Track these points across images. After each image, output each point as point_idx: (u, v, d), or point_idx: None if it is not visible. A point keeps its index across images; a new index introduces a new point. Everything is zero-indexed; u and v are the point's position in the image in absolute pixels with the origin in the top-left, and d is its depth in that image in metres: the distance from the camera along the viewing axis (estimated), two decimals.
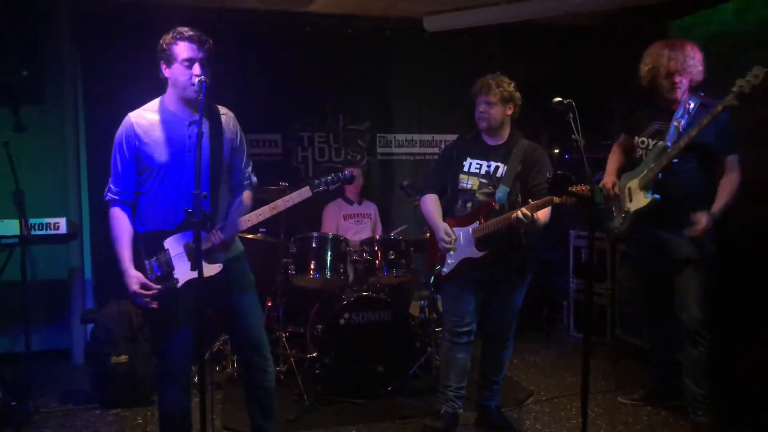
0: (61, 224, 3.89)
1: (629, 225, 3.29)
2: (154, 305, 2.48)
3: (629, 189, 3.29)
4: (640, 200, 3.18)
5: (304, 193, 2.61)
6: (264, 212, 2.62)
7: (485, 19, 5.09)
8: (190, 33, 2.49)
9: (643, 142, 3.30)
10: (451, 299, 3.27)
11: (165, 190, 2.54)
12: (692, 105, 3.14)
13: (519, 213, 2.89)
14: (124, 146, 2.53)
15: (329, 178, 2.66)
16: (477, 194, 3.17)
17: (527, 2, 4.87)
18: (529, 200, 2.95)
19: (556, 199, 2.82)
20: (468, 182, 3.20)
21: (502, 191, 3.10)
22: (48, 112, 4.64)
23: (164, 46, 2.50)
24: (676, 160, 3.09)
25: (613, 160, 3.53)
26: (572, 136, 2.60)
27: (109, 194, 2.57)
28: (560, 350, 4.94)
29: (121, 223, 2.54)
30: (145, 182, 2.56)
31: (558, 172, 2.71)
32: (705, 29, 4.71)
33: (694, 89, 3.21)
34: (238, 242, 2.77)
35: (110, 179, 2.58)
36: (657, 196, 3.12)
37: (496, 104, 3.12)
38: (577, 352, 4.77)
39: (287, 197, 2.62)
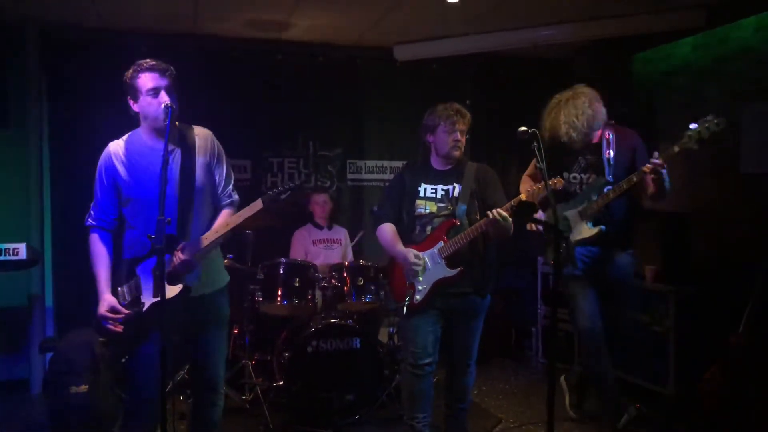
0: (21, 250, 3.79)
1: (569, 253, 3.42)
2: (119, 329, 2.50)
3: (567, 219, 3.41)
4: (584, 231, 3.33)
5: (256, 205, 2.55)
6: (219, 229, 2.57)
7: (455, 50, 5.17)
8: (151, 63, 2.52)
9: (575, 177, 3.46)
10: (412, 331, 3.17)
11: (143, 220, 2.57)
12: (610, 136, 3.40)
13: (495, 213, 2.86)
14: (103, 175, 2.60)
15: (280, 188, 2.56)
16: (435, 218, 3.15)
17: (496, 34, 4.96)
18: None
19: (523, 196, 2.86)
20: (425, 207, 3.17)
21: (460, 209, 3.10)
22: (11, 137, 4.57)
23: (128, 81, 2.53)
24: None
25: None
26: (537, 164, 2.65)
27: (89, 220, 2.64)
28: (529, 377, 4.94)
29: (98, 249, 2.60)
30: (127, 212, 2.61)
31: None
32: (666, 62, 4.88)
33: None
34: (224, 273, 2.78)
35: (92, 205, 2.64)
36: (603, 227, 3.29)
37: (465, 132, 3.16)
38: (546, 378, 4.76)
39: (239, 212, 2.57)
